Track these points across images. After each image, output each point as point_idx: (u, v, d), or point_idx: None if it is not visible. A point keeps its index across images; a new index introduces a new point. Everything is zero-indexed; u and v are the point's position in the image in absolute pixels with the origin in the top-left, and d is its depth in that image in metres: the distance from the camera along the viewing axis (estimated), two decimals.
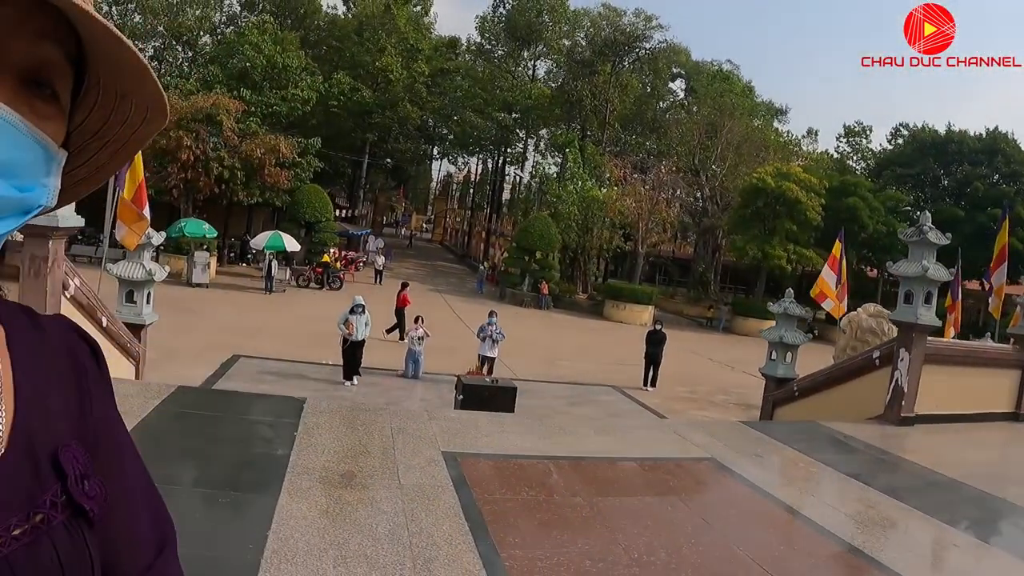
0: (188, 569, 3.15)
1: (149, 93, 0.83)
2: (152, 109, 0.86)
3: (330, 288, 37.72)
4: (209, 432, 7.35)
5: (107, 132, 0.88)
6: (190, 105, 39.04)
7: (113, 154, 0.91)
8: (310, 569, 4.49)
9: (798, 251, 41.73)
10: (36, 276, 7.77)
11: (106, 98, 0.84)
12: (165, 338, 18.45)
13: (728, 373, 25.32)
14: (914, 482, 8.38)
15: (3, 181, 0.70)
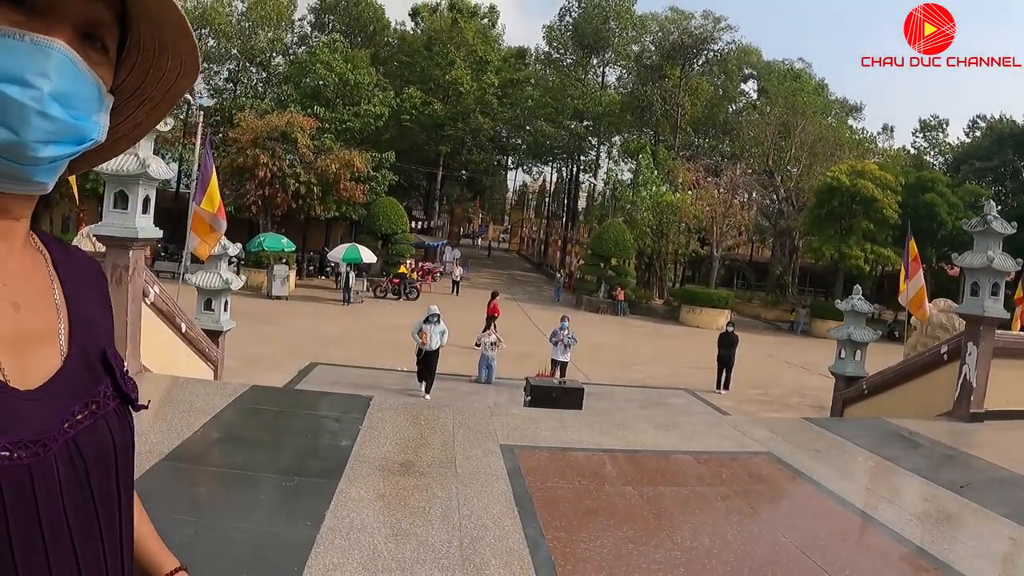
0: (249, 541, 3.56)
1: (186, 49, 0.99)
2: (186, 63, 1.01)
3: (407, 298, 38.26)
4: (279, 425, 7.72)
5: (145, 89, 1.05)
6: (265, 124, 40.12)
7: (150, 111, 1.09)
8: (363, 545, 4.77)
9: (876, 250, 40.70)
10: (118, 284, 8.24)
11: (145, 55, 1.00)
12: (246, 348, 19.11)
13: (804, 375, 25.00)
14: (979, 478, 8.18)
15: (62, 108, 0.86)
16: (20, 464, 0.82)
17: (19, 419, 0.85)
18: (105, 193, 8.57)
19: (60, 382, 0.93)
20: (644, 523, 5.77)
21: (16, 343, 0.90)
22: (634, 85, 58.69)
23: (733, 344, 21.08)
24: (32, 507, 0.84)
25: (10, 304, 0.91)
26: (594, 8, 60.72)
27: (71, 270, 1.05)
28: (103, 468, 0.96)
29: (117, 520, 1.00)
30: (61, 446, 0.89)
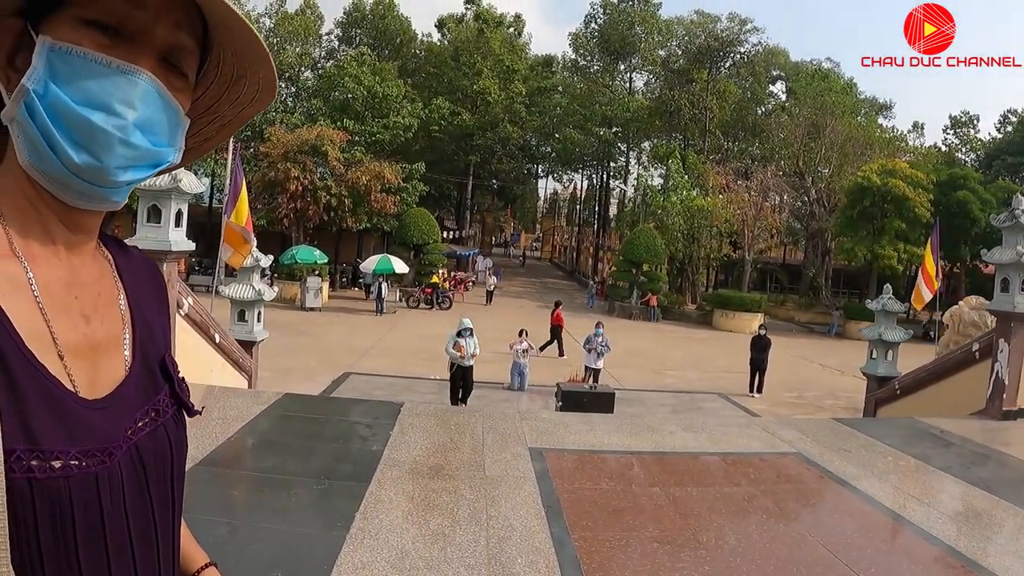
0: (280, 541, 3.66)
1: (264, 77, 1.05)
2: (262, 90, 1.08)
3: (440, 308, 38.43)
4: (311, 431, 7.85)
5: (218, 108, 1.11)
6: (296, 138, 40.52)
7: (220, 128, 1.15)
8: (391, 544, 4.86)
9: (909, 250, 40.03)
10: None
11: (222, 78, 1.06)
12: (279, 359, 19.32)
13: (838, 377, 24.81)
14: (1011, 476, 8.14)
15: (143, 136, 0.91)
16: (88, 472, 0.87)
17: (87, 428, 0.89)
18: (138, 207, 8.76)
19: (125, 391, 0.98)
20: (671, 523, 5.80)
21: (86, 354, 0.94)
22: (662, 90, 58.56)
23: (766, 347, 20.99)
24: (98, 513, 0.88)
25: (81, 316, 0.96)
26: (619, 14, 60.76)
27: (133, 275, 1.10)
28: (161, 473, 1.01)
29: (171, 523, 1.05)
30: (124, 453, 0.94)
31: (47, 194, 0.93)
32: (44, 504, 0.83)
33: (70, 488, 0.84)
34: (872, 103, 63.87)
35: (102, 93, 0.88)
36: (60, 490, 0.84)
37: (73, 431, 0.87)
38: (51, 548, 0.84)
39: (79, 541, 0.86)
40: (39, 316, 0.89)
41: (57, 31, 0.89)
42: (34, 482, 0.81)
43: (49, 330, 0.90)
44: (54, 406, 0.86)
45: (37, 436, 0.82)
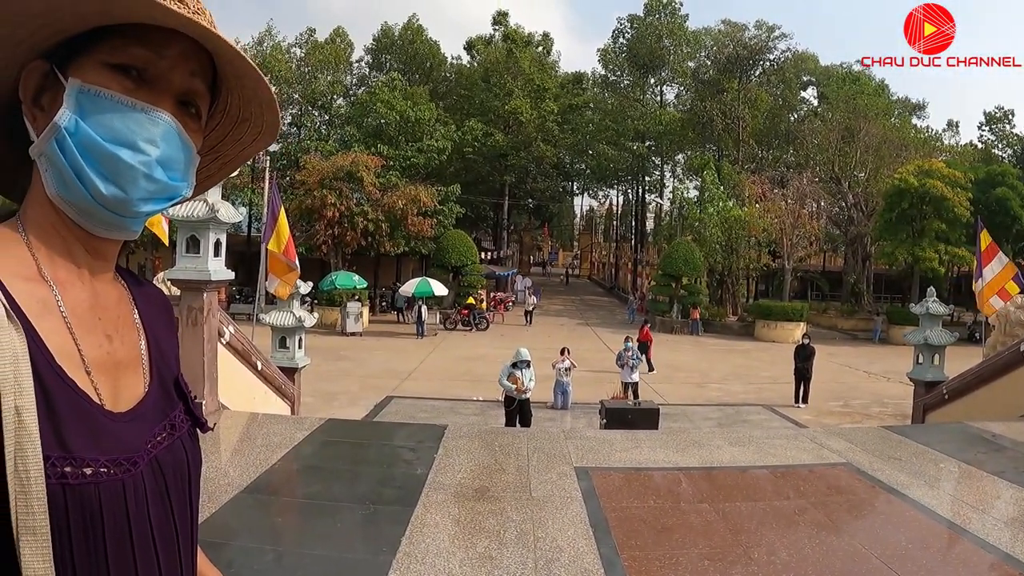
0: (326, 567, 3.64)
1: (268, 120, 1.17)
2: (265, 132, 1.20)
3: (477, 329, 38.50)
4: (355, 456, 7.86)
5: (221, 148, 1.22)
6: (331, 165, 40.94)
7: (221, 166, 1.26)
8: (437, 568, 4.82)
9: (950, 251, 39.46)
10: (193, 325, 8.49)
11: (227, 120, 1.18)
12: (322, 384, 19.46)
13: (884, 384, 24.44)
14: None
15: (164, 171, 1.02)
16: (116, 480, 0.94)
17: (115, 439, 0.97)
18: (177, 238, 8.87)
19: (145, 406, 1.06)
20: (721, 539, 5.71)
21: (110, 370, 1.02)
22: (693, 101, 58.43)
23: (810, 356, 20.75)
24: (124, 518, 0.96)
25: (105, 336, 1.04)
26: (647, 28, 60.84)
27: (146, 302, 1.19)
28: (180, 482, 1.09)
29: (190, 530, 1.13)
30: (146, 463, 1.01)
31: (72, 223, 1.02)
32: (76, 508, 0.89)
33: (100, 494, 0.92)
34: (905, 103, 63.26)
35: (128, 132, 0.99)
36: (91, 496, 0.91)
37: (102, 441, 0.95)
38: (83, 551, 0.91)
39: (108, 544, 0.94)
40: (68, 335, 0.97)
41: (85, 74, 0.98)
42: (67, 487, 0.88)
43: (77, 348, 0.98)
44: (84, 418, 0.94)
45: (70, 445, 0.90)
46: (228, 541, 5.16)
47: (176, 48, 1.02)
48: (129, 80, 0.99)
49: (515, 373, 14.76)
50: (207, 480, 6.56)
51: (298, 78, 55.36)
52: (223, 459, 7.38)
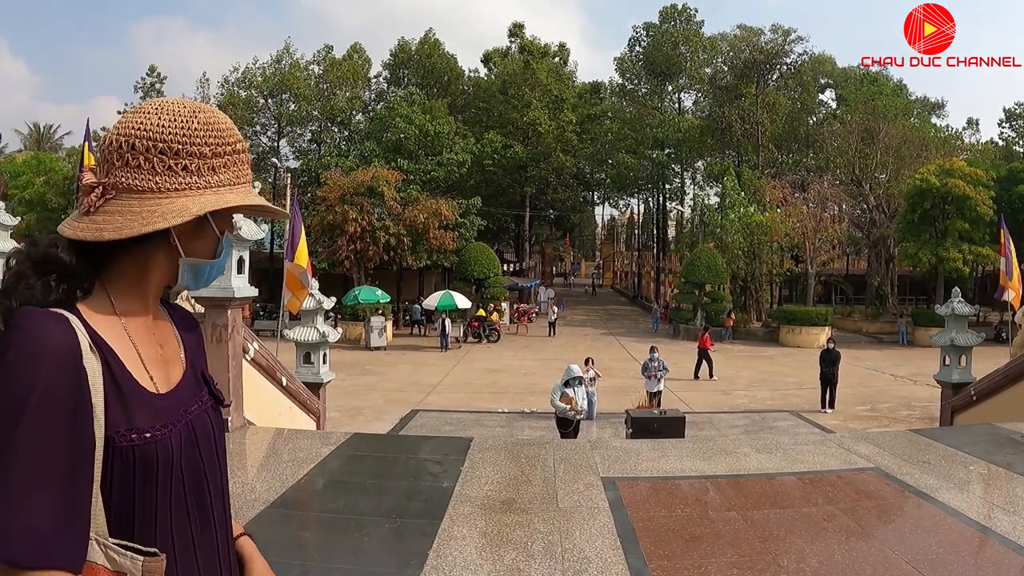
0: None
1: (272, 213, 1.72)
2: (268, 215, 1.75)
3: (488, 340, 38.50)
4: (382, 470, 7.87)
5: None
6: (351, 180, 41.15)
7: None
8: None
9: (974, 250, 39.12)
10: (218, 342, 8.55)
11: None
12: (347, 399, 19.53)
13: (911, 387, 24.24)
14: None
15: None
16: (165, 437, 1.41)
17: (163, 410, 1.44)
18: None
19: (182, 386, 1.55)
20: (750, 547, 5.67)
21: (161, 365, 1.52)
22: (711, 108, 58.14)
23: (835, 361, 20.60)
24: (170, 464, 1.41)
25: (157, 345, 1.54)
26: (663, 35, 60.75)
27: (181, 323, 1.70)
28: (208, 441, 1.55)
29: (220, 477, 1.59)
30: (183, 425, 1.47)
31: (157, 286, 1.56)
32: (141, 458, 1.36)
33: (157, 449, 1.39)
34: (924, 103, 62.82)
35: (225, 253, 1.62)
36: (150, 451, 1.38)
37: (155, 416, 1.42)
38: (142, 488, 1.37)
39: (173, 486, 1.42)
40: (132, 347, 1.46)
41: (224, 222, 1.56)
42: (135, 447, 1.36)
43: (138, 354, 1.46)
44: (143, 403, 1.41)
45: (134, 419, 1.37)
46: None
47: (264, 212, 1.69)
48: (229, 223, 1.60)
49: (567, 392, 13.77)
50: (234, 496, 6.57)
51: (317, 95, 55.75)
52: (250, 474, 7.42)
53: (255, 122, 56.70)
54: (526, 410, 19.86)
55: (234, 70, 56.05)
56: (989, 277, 48.32)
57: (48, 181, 44.11)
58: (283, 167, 51.18)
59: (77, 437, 1.28)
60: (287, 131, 57.91)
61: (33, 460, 1.23)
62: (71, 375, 1.29)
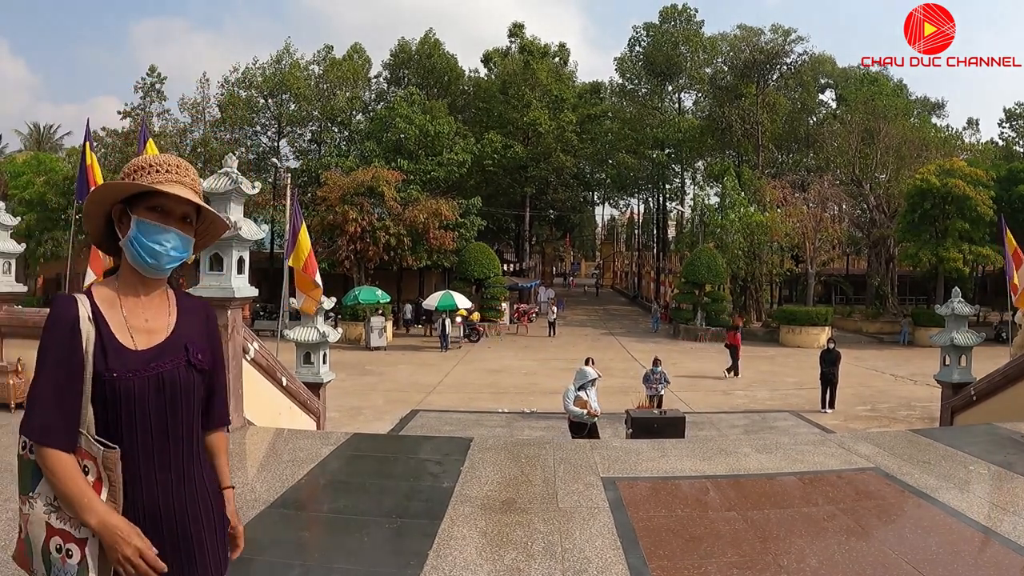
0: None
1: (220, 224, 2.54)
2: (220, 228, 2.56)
3: (469, 341, 38.50)
4: (382, 470, 7.86)
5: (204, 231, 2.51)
6: (351, 180, 41.15)
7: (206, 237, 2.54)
8: None
9: (974, 250, 39.12)
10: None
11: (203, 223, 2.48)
12: (347, 399, 19.52)
13: (911, 387, 24.24)
14: None
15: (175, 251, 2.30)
16: (130, 380, 2.17)
17: (135, 362, 2.19)
18: (201, 256, 8.94)
19: (158, 348, 2.27)
20: (750, 548, 5.66)
21: (144, 331, 2.27)
22: (711, 108, 58.15)
23: (836, 361, 20.61)
24: (133, 398, 2.18)
25: (145, 319, 2.30)
26: (663, 35, 60.73)
27: (186, 306, 2.44)
28: (174, 388, 2.26)
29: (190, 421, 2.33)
30: (151, 375, 2.21)
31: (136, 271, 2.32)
32: (112, 391, 2.14)
33: (134, 386, 2.16)
34: (924, 103, 62.78)
35: (158, 237, 2.27)
36: (118, 386, 2.14)
37: (127, 363, 2.18)
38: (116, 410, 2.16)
39: (127, 407, 2.17)
40: (122, 316, 2.25)
41: (139, 212, 2.27)
42: (108, 382, 2.13)
43: (126, 321, 2.25)
44: (120, 355, 2.18)
45: (110, 364, 2.14)
46: (255, 556, 5.17)
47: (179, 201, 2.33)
48: (156, 214, 2.28)
49: (582, 396, 13.13)
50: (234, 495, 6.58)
51: (317, 95, 55.70)
52: (249, 474, 7.41)
53: (255, 122, 56.72)
54: (526, 410, 19.86)
55: (234, 70, 56.11)
56: (990, 277, 48.33)
57: (48, 181, 44.04)
58: (283, 167, 51.24)
59: (71, 370, 2.15)
60: (287, 131, 57.89)
61: (46, 380, 2.14)
62: (70, 333, 2.17)
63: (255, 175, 48.81)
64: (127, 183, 2.28)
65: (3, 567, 4.85)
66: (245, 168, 44.97)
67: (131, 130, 46.23)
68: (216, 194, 8.93)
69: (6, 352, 10.31)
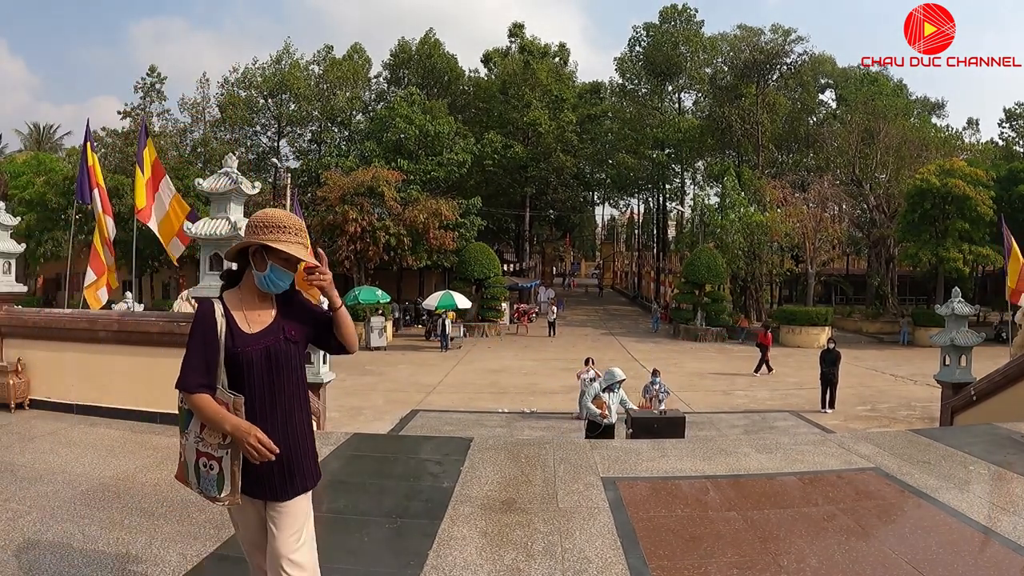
0: None
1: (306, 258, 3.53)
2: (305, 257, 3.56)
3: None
4: (381, 470, 7.86)
5: None
6: (351, 180, 41.12)
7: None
8: None
9: (974, 250, 39.12)
10: None
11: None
12: (348, 399, 19.52)
13: (911, 387, 24.23)
14: None
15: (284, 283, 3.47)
16: (248, 353, 3.35)
17: (248, 341, 3.37)
18: (201, 257, 8.93)
19: (263, 332, 3.42)
20: (750, 548, 5.66)
21: (257, 322, 3.44)
22: (711, 108, 58.08)
23: (835, 361, 20.59)
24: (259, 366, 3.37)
25: (258, 314, 3.46)
26: (663, 35, 60.63)
27: (285, 302, 3.55)
28: (277, 356, 3.42)
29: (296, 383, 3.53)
30: (261, 349, 3.38)
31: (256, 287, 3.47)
32: (236, 361, 3.33)
33: (249, 355, 3.35)
34: (924, 103, 62.75)
35: (282, 277, 3.42)
36: (240, 357, 3.33)
37: (245, 342, 3.36)
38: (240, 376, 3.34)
39: (253, 372, 3.35)
40: (243, 312, 3.44)
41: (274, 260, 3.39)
42: (237, 352, 3.33)
43: (245, 316, 3.43)
44: (240, 335, 3.36)
45: (235, 343, 3.34)
46: None
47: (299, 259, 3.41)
48: (284, 263, 3.37)
49: (603, 397, 13.00)
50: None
51: (317, 95, 55.72)
52: None
53: (255, 122, 56.77)
54: (526, 410, 19.86)
55: (234, 70, 56.19)
56: (990, 277, 48.32)
57: (48, 181, 44.04)
58: (283, 167, 51.25)
59: (203, 347, 3.28)
60: (287, 131, 57.93)
61: (194, 352, 3.28)
62: (210, 323, 3.31)
63: (255, 175, 48.88)
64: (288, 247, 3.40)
65: (3, 567, 4.86)
66: (245, 168, 45.09)
67: (131, 130, 46.32)
68: (216, 194, 8.93)
69: (6, 352, 10.30)
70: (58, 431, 8.84)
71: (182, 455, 3.39)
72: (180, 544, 5.37)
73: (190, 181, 13.20)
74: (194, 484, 3.35)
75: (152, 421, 9.18)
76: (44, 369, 10.08)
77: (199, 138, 53.38)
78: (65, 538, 5.44)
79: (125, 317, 9.98)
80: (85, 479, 6.95)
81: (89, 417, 9.47)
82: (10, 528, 5.54)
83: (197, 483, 3.33)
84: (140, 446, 8.27)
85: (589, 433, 13.14)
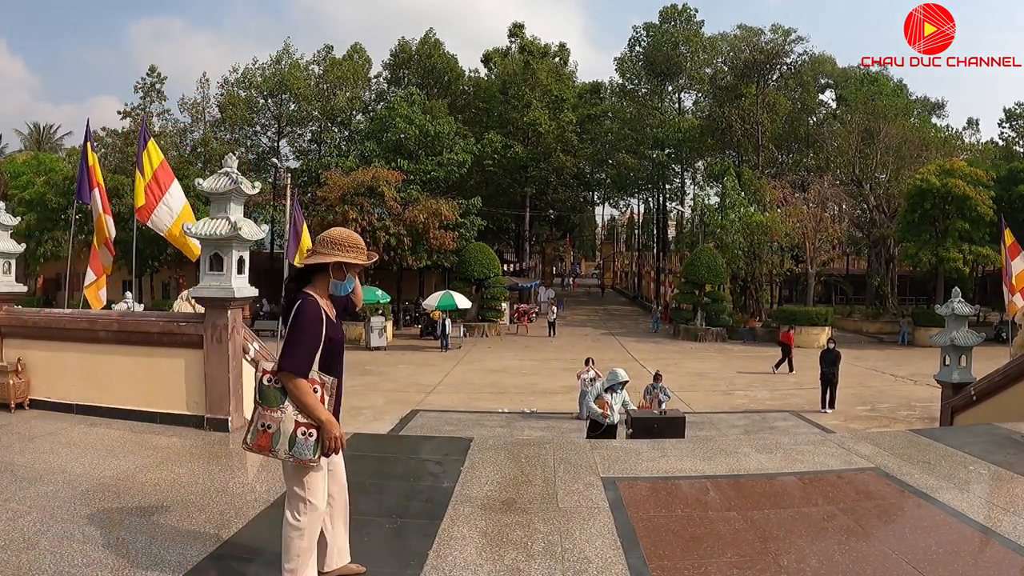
0: None
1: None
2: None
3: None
4: (381, 470, 7.84)
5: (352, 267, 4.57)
6: (351, 180, 41.13)
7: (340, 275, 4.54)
8: None
9: (974, 250, 39.19)
10: (219, 342, 8.56)
11: None
12: (347, 399, 19.27)
13: (911, 387, 24.24)
14: None
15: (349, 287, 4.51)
16: (337, 341, 4.40)
17: (336, 331, 4.40)
18: (201, 257, 8.92)
19: (339, 324, 4.48)
20: (750, 548, 5.66)
21: (331, 312, 4.39)
22: (711, 108, 58.14)
23: (835, 361, 20.61)
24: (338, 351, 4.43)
25: (331, 307, 4.42)
26: (663, 35, 60.62)
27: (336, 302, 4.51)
28: (343, 345, 4.58)
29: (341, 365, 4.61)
30: (342, 338, 4.51)
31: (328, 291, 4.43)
32: (334, 347, 4.33)
33: (335, 343, 4.35)
34: (924, 103, 62.75)
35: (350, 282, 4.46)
36: (334, 342, 4.34)
37: (336, 332, 4.39)
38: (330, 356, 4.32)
39: (335, 355, 4.37)
40: (328, 307, 4.39)
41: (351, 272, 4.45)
42: (332, 341, 4.30)
43: (331, 309, 4.41)
44: (331, 325, 4.32)
45: (331, 334, 4.29)
46: (255, 556, 5.19)
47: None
48: (352, 272, 4.43)
49: (605, 396, 13.03)
50: (234, 496, 6.61)
51: (317, 95, 55.71)
52: (250, 475, 7.43)
53: (255, 122, 56.76)
54: (526, 410, 19.88)
55: (234, 70, 56.19)
56: (990, 277, 48.30)
57: (48, 181, 44.02)
58: (283, 167, 51.21)
59: (315, 336, 4.15)
60: (287, 131, 57.92)
61: (305, 341, 4.12)
62: (318, 316, 4.19)
63: (255, 175, 48.87)
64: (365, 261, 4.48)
65: (3, 567, 4.85)
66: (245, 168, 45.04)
67: (131, 130, 46.27)
68: (216, 194, 8.92)
69: (6, 352, 10.29)
70: (58, 431, 8.83)
71: (268, 427, 4.11)
72: (180, 544, 5.37)
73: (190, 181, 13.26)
74: (283, 451, 4.10)
75: (152, 421, 9.16)
76: (44, 369, 10.06)
77: (199, 138, 53.37)
78: (65, 538, 5.43)
79: (125, 317, 9.97)
80: (85, 479, 6.94)
81: (89, 417, 9.45)
82: (10, 528, 5.54)
83: (288, 449, 4.09)
84: (140, 446, 8.26)
85: (591, 432, 13.18)
